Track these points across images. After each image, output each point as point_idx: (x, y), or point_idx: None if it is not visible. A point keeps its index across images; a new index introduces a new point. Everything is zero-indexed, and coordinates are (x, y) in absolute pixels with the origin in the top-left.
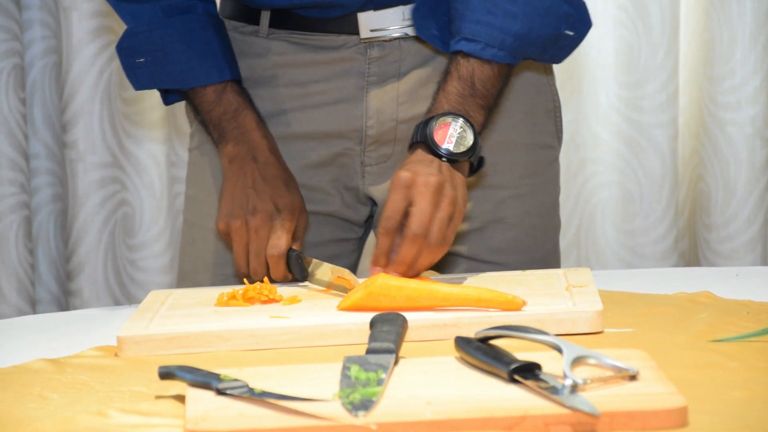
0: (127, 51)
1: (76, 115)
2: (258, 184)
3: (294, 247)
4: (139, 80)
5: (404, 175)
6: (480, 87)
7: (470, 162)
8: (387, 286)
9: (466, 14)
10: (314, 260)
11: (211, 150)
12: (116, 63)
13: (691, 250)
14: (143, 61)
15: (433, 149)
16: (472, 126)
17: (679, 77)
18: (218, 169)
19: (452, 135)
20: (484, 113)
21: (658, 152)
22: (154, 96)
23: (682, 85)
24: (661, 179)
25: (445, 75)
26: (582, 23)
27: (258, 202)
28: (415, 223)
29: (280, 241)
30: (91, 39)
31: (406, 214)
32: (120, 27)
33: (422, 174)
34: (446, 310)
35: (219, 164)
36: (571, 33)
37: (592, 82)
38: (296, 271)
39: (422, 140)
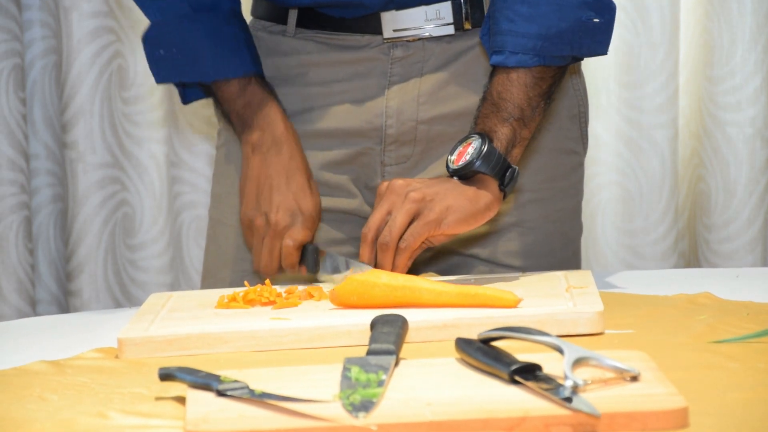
0: (152, 41)
1: (76, 115)
2: (281, 179)
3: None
4: (161, 73)
5: (383, 184)
6: (501, 101)
7: (494, 176)
8: (379, 279)
9: (493, 28)
10: (330, 254)
11: (236, 149)
12: (116, 63)
13: (691, 251)
14: (167, 54)
15: (447, 170)
16: (488, 140)
17: (679, 78)
18: (240, 167)
19: (469, 153)
20: (509, 125)
21: (658, 153)
22: (154, 96)
23: (682, 86)
24: (661, 180)
25: (479, 101)
26: (604, 8)
27: (281, 200)
28: (366, 225)
29: (297, 233)
30: (91, 39)
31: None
32: (120, 27)
33: (396, 180)
34: (443, 307)
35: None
36: (596, 20)
37: (592, 82)
38: (309, 263)
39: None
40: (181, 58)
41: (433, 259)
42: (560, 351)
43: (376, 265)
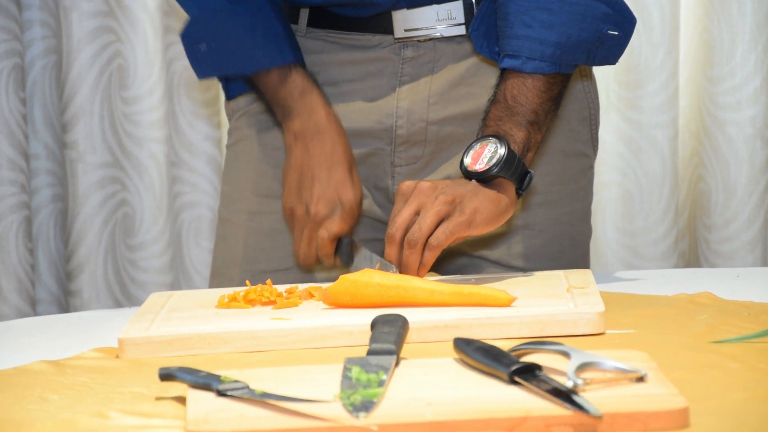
0: (190, 38)
1: (76, 115)
2: (323, 170)
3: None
4: (202, 68)
5: (406, 184)
6: (515, 104)
7: (513, 180)
8: (372, 279)
9: (506, 31)
10: (364, 249)
11: (247, 148)
12: (116, 63)
13: (692, 251)
14: (206, 48)
15: (464, 172)
16: (507, 144)
17: (679, 77)
18: (252, 167)
19: (485, 156)
20: (524, 129)
21: (658, 152)
22: (154, 96)
23: (682, 86)
24: (661, 179)
25: (488, 102)
26: (625, 21)
27: (322, 191)
28: (391, 224)
29: (333, 225)
30: (91, 39)
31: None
32: (120, 27)
33: (423, 182)
34: (437, 306)
35: (253, 162)
36: (615, 32)
37: None
38: (343, 255)
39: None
40: (219, 52)
41: (442, 260)
42: (567, 356)
43: (401, 264)
